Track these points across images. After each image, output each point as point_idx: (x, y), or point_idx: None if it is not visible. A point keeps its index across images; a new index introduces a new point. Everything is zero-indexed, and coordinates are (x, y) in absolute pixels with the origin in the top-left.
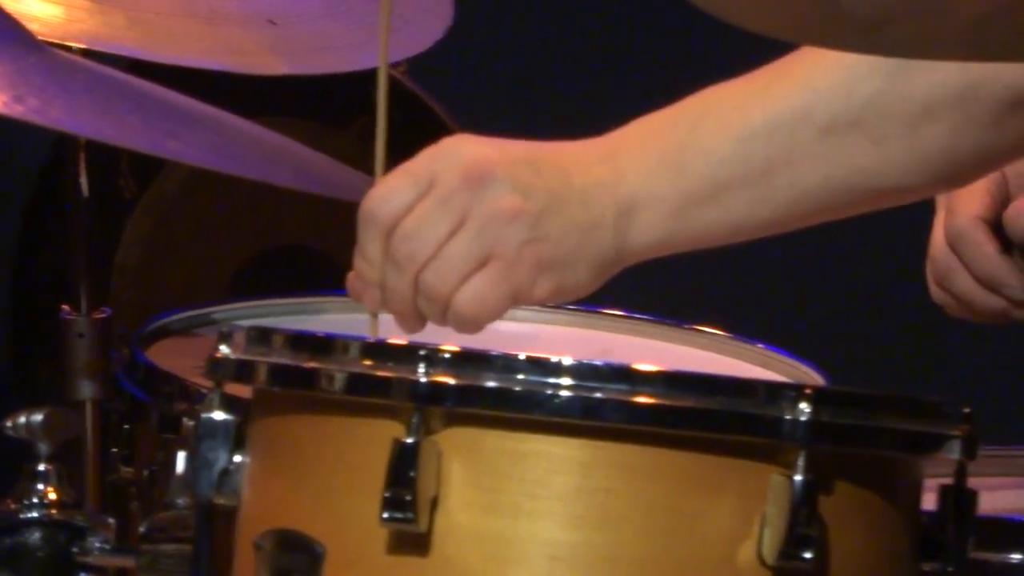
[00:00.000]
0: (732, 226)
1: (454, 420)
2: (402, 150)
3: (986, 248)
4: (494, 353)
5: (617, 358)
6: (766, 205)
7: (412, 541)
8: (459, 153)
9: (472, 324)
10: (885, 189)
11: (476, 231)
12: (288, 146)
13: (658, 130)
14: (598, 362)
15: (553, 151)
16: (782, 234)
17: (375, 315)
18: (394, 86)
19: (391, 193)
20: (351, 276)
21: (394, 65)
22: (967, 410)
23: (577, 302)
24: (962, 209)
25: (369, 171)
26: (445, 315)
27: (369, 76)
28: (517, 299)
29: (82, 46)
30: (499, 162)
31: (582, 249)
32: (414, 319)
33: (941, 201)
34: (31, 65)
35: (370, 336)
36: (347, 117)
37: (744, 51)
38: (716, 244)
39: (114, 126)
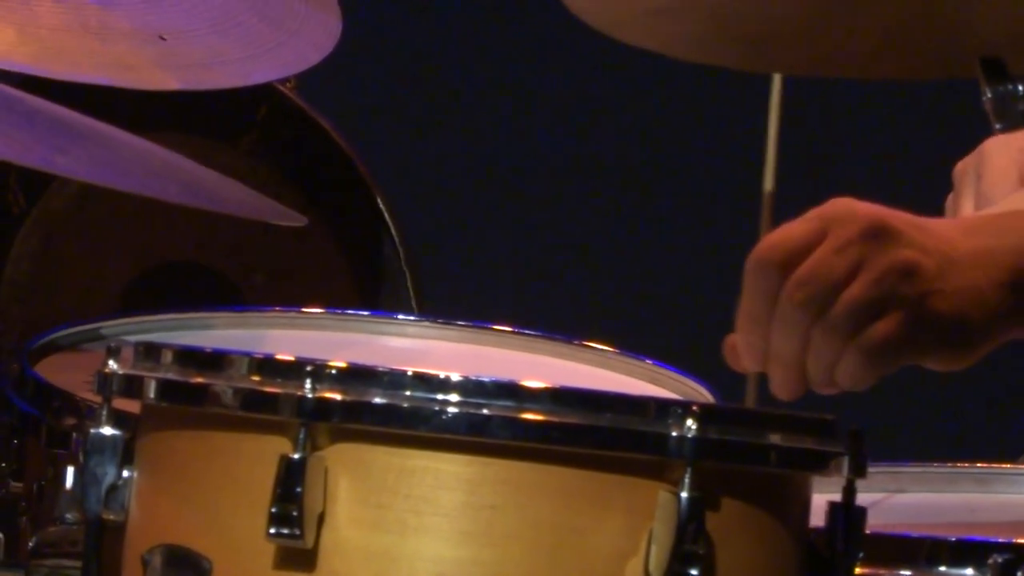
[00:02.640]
0: None
1: (341, 436)
2: (288, 166)
3: None
4: (381, 369)
5: (506, 374)
6: None
7: (299, 557)
8: (854, 207)
9: (867, 373)
10: None
11: (876, 278)
12: (177, 162)
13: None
14: (485, 378)
15: (934, 221)
16: (670, 251)
17: (756, 374)
18: (282, 102)
19: (785, 238)
20: (730, 337)
21: (282, 81)
22: (855, 427)
23: (466, 317)
24: None
25: (259, 187)
26: (836, 365)
27: (258, 92)
28: (915, 351)
29: None
30: (894, 218)
31: (975, 309)
32: (797, 379)
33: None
34: None
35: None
36: (236, 133)
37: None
38: None
39: (2, 141)
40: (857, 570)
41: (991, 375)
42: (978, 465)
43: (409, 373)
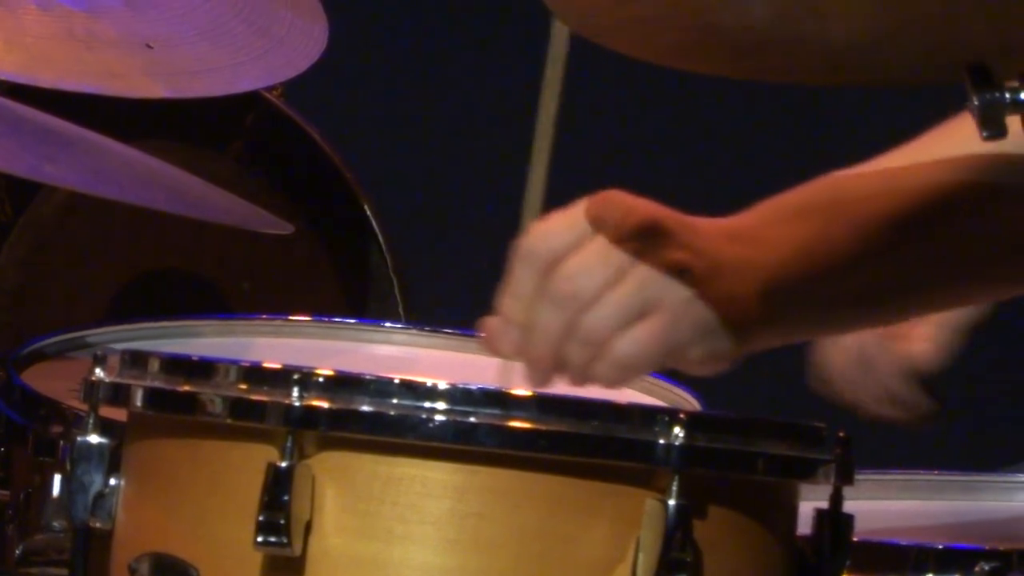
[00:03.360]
0: (857, 318)
1: (328, 444)
2: (275, 174)
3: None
4: (368, 377)
5: (492, 382)
6: (891, 302)
7: (286, 565)
8: (627, 203)
9: (624, 374)
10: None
11: (643, 280)
12: (164, 170)
13: (793, 219)
14: (472, 386)
15: (702, 222)
16: None
17: (509, 360)
18: (269, 109)
19: (554, 231)
20: (489, 319)
21: (269, 88)
22: (842, 435)
23: (453, 325)
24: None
25: (246, 195)
26: (593, 363)
27: (245, 100)
28: (672, 356)
29: None
30: (667, 217)
31: (733, 317)
32: (551, 367)
33: None
34: None
35: (501, 384)
36: (224, 141)
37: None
38: (841, 332)
39: None
40: None
41: (980, 383)
42: (965, 473)
43: (396, 381)
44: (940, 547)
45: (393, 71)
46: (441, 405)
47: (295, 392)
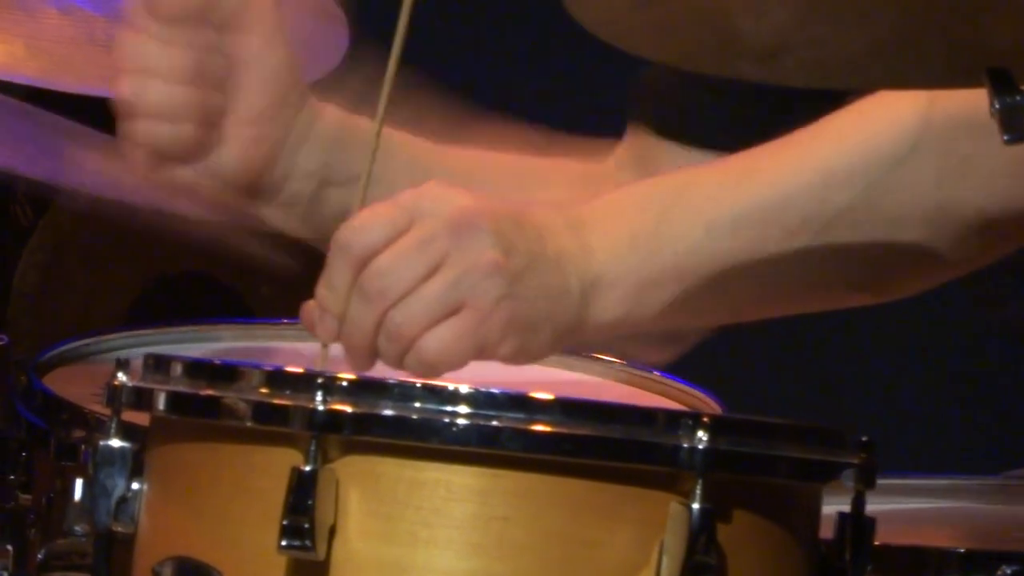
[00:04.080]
0: (691, 313)
1: (352, 448)
2: None
3: None
4: (391, 381)
5: (515, 386)
6: (726, 297)
7: (310, 569)
8: (445, 198)
9: (431, 370)
10: (839, 293)
11: (454, 277)
12: None
13: (630, 209)
14: (495, 390)
15: (531, 212)
16: None
17: (326, 346)
18: None
19: (369, 225)
20: (308, 304)
21: None
22: (865, 439)
23: None
24: None
25: None
26: (404, 357)
27: None
28: (482, 353)
29: None
30: (485, 214)
31: (549, 314)
32: (367, 356)
33: None
34: None
35: (317, 367)
36: None
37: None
38: (674, 326)
39: (9, 151)
40: None
41: (1003, 385)
42: (987, 476)
43: (419, 385)
44: (962, 550)
45: (414, 74)
46: (464, 409)
47: (319, 396)
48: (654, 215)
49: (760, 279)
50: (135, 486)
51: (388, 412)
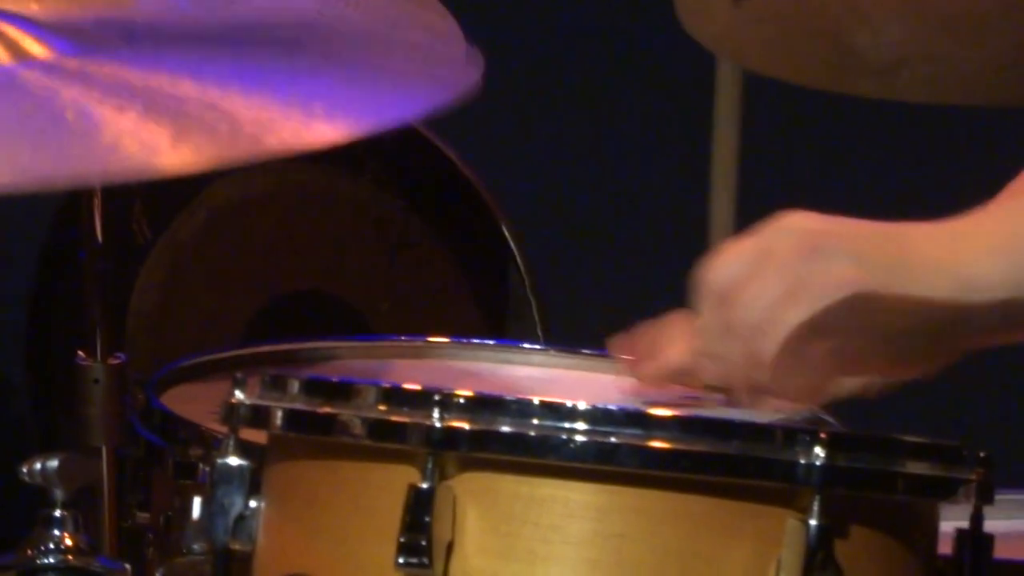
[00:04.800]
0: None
1: (469, 465)
2: (412, 194)
3: None
4: (509, 398)
5: (632, 402)
6: None
7: None
8: (795, 225)
9: (805, 394)
10: None
11: (810, 299)
12: None
13: (1002, 218)
14: (613, 407)
15: (892, 228)
16: None
17: (715, 389)
18: (407, 131)
19: (727, 263)
20: (692, 350)
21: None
22: (983, 454)
23: (592, 345)
24: None
25: (382, 216)
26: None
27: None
28: (852, 368)
29: None
30: (836, 234)
31: (918, 324)
32: (749, 391)
33: None
34: None
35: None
36: (360, 162)
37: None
38: None
39: None
40: None
41: None
42: None
43: (536, 402)
44: None
45: (532, 91)
46: (582, 425)
47: (436, 413)
48: (1017, 221)
49: None
50: (253, 504)
51: (506, 429)
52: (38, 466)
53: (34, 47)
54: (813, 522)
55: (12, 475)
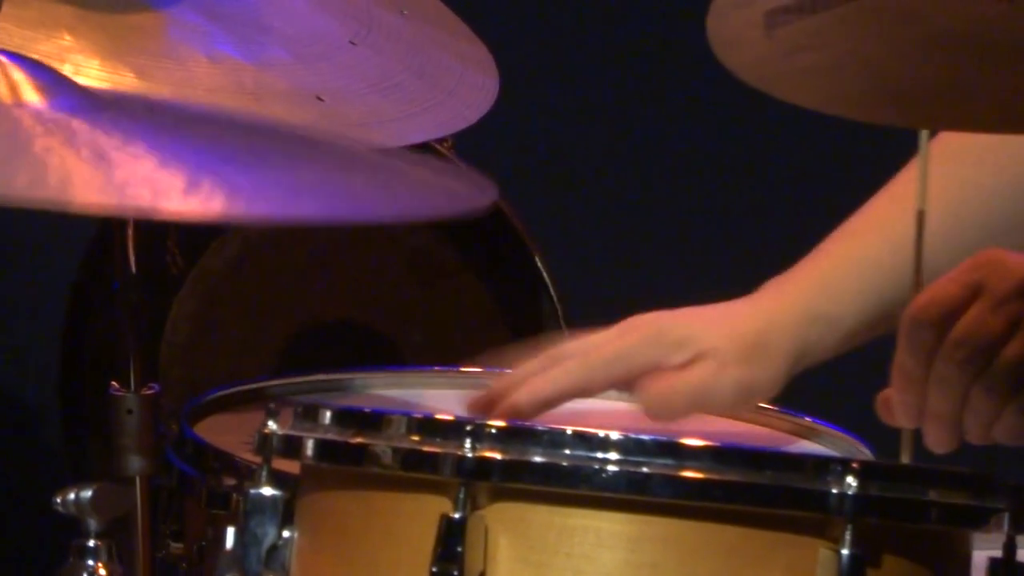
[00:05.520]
0: None
1: (501, 495)
2: (444, 224)
3: None
4: (540, 428)
5: (664, 432)
6: None
7: None
8: (1006, 262)
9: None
10: None
11: None
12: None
13: None
14: (645, 437)
15: None
16: None
17: (911, 429)
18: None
19: (940, 298)
20: (885, 392)
21: (440, 140)
22: (1015, 484)
23: None
24: None
25: (415, 246)
26: (992, 427)
27: (416, 151)
28: None
29: None
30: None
31: None
32: (956, 433)
33: None
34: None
35: (904, 456)
36: None
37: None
38: None
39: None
40: None
41: None
42: None
43: (568, 432)
44: None
45: (562, 121)
46: (614, 456)
47: (468, 443)
48: None
49: None
50: (286, 534)
51: (538, 459)
52: (72, 496)
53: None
54: (845, 552)
55: (46, 505)
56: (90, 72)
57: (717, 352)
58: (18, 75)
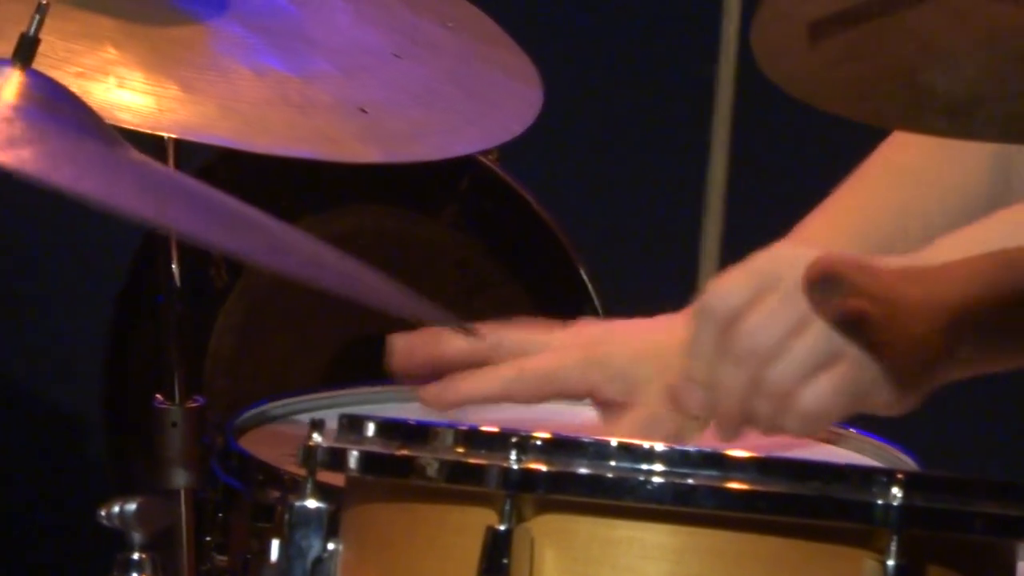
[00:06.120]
0: None
1: (546, 507)
2: (490, 238)
3: None
4: (586, 439)
5: (709, 444)
6: None
7: None
8: (799, 256)
9: (810, 425)
10: None
11: (825, 331)
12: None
13: (974, 249)
14: (690, 448)
15: (879, 265)
16: None
17: (696, 419)
18: (484, 173)
19: (730, 289)
20: (675, 381)
21: (484, 152)
22: None
23: None
24: None
25: (459, 258)
26: (781, 415)
27: (460, 164)
28: (861, 404)
29: (174, 136)
30: (841, 265)
31: (918, 358)
32: (738, 422)
33: None
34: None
35: (688, 443)
36: (438, 205)
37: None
38: (1017, 364)
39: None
40: None
41: None
42: None
43: (614, 443)
44: None
45: (608, 134)
46: (659, 467)
47: (513, 455)
48: (998, 252)
49: None
50: (331, 546)
51: (583, 470)
52: (116, 509)
53: None
54: (891, 563)
55: (91, 518)
56: (134, 85)
57: (649, 396)
58: None
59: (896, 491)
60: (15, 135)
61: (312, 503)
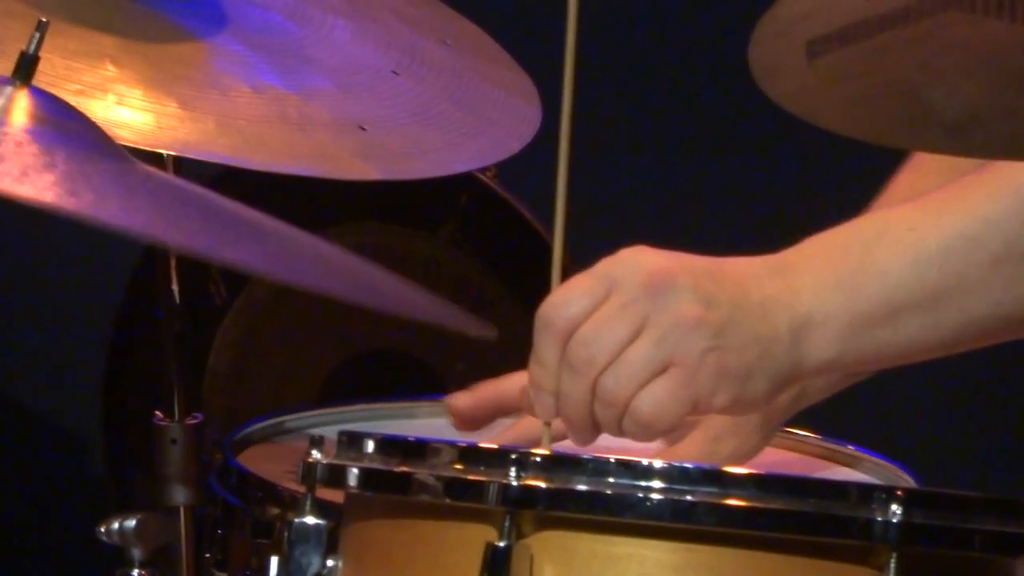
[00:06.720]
0: (902, 348)
1: (546, 523)
2: (488, 254)
3: None
4: (585, 456)
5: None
6: (936, 329)
7: None
8: (639, 261)
9: (650, 430)
10: None
11: (658, 337)
12: (345, 258)
13: (832, 249)
14: (689, 465)
15: (729, 264)
16: None
17: (548, 424)
18: (482, 190)
19: (569, 298)
20: (524, 385)
21: (482, 170)
22: None
23: None
24: None
25: (458, 275)
26: (621, 421)
27: (458, 181)
28: (697, 407)
29: (173, 153)
30: (681, 271)
31: (760, 361)
32: (588, 428)
33: None
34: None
35: (543, 446)
36: (436, 222)
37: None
38: (886, 365)
39: (169, 228)
40: None
41: None
42: None
43: (612, 460)
44: None
45: (606, 151)
46: (658, 484)
47: (512, 472)
48: (858, 252)
49: (969, 310)
50: (330, 563)
51: (582, 487)
52: (116, 526)
53: None
54: None
55: (91, 535)
56: (133, 102)
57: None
58: None
59: (895, 508)
60: (29, 162)
61: (311, 519)
